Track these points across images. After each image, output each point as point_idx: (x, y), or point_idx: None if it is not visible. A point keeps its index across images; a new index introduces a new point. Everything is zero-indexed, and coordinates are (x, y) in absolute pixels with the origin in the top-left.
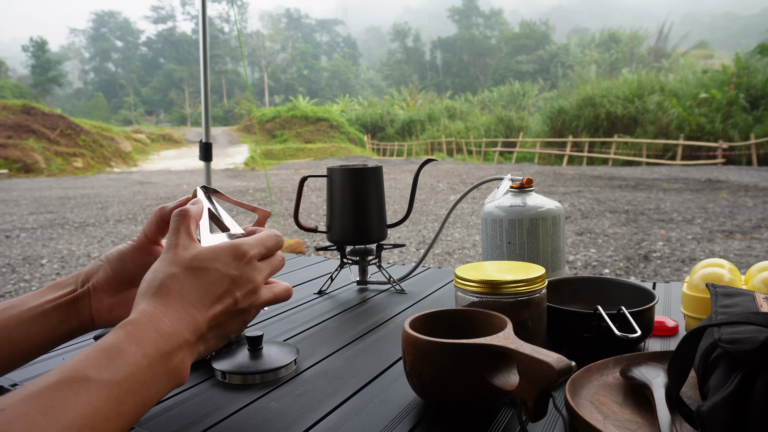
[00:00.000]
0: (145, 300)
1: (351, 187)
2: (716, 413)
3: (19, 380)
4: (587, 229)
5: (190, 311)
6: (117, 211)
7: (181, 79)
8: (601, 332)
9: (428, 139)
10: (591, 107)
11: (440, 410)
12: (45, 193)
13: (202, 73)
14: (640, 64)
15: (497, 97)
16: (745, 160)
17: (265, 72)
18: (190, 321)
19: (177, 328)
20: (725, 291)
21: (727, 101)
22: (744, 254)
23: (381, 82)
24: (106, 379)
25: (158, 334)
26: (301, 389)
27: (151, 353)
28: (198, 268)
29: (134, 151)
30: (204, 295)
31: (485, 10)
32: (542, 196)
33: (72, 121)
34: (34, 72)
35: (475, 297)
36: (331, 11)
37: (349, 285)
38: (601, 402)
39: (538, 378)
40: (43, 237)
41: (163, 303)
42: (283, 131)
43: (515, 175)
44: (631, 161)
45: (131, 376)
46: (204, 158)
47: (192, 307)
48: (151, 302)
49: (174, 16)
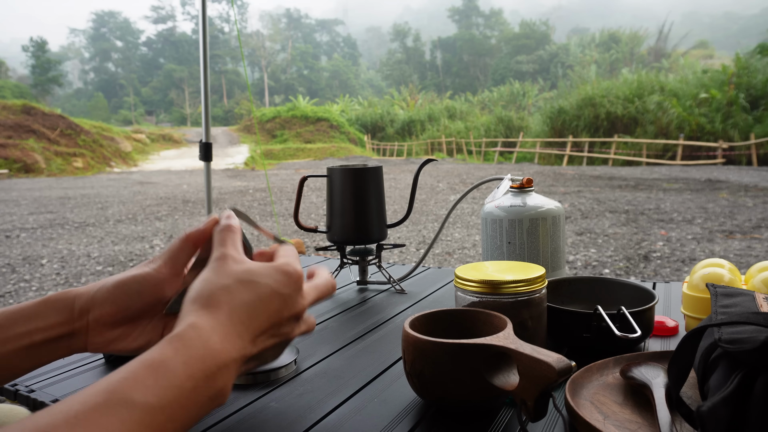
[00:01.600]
0: (194, 312)
1: (351, 187)
2: (716, 413)
3: (19, 380)
4: (587, 229)
5: (239, 328)
6: (117, 211)
7: (181, 79)
8: (601, 332)
9: (428, 139)
10: (591, 107)
11: (440, 410)
12: (45, 193)
13: (202, 73)
14: (640, 64)
15: (497, 97)
16: (745, 160)
17: (265, 72)
18: (237, 339)
19: (225, 346)
20: (725, 291)
21: (727, 101)
22: (744, 254)
23: (381, 82)
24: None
25: (206, 352)
26: (301, 389)
27: (197, 374)
28: (251, 282)
29: (134, 151)
30: (254, 312)
31: (485, 10)
32: (542, 196)
33: (72, 121)
34: (34, 72)
35: (475, 297)
36: (331, 11)
37: (349, 285)
38: (601, 402)
39: (538, 378)
40: (43, 237)
41: (214, 317)
42: (283, 131)
43: (515, 175)
44: (631, 161)
45: (175, 401)
46: (204, 158)
47: (240, 324)
48: (201, 315)
49: (174, 16)
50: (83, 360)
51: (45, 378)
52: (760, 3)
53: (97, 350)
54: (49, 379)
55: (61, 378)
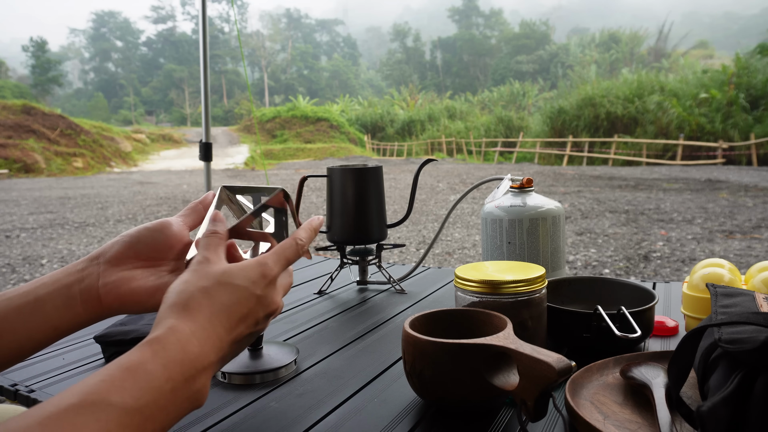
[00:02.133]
0: (174, 314)
1: (351, 187)
2: (716, 413)
3: (19, 380)
4: (587, 229)
5: (218, 330)
6: (117, 211)
7: (181, 79)
8: (601, 332)
9: (428, 139)
10: (591, 107)
11: (440, 410)
12: (45, 193)
13: (202, 73)
14: (640, 64)
15: (497, 97)
16: (745, 160)
17: (265, 72)
18: (216, 341)
19: (204, 349)
20: (725, 291)
21: (727, 101)
22: (744, 254)
23: (381, 82)
24: (129, 406)
25: (185, 356)
26: (301, 389)
27: (176, 377)
28: (228, 284)
29: (134, 151)
30: (232, 314)
31: (485, 10)
32: (542, 196)
33: (72, 121)
34: (34, 72)
35: (475, 297)
36: (331, 11)
37: (349, 285)
38: (601, 402)
39: (538, 378)
40: (43, 237)
41: (192, 319)
42: (283, 131)
43: (515, 175)
44: (631, 161)
45: (153, 402)
46: (204, 158)
47: (220, 326)
48: (181, 318)
49: (174, 16)
50: (83, 360)
51: (45, 378)
52: (760, 3)
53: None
54: (49, 379)
55: (61, 378)
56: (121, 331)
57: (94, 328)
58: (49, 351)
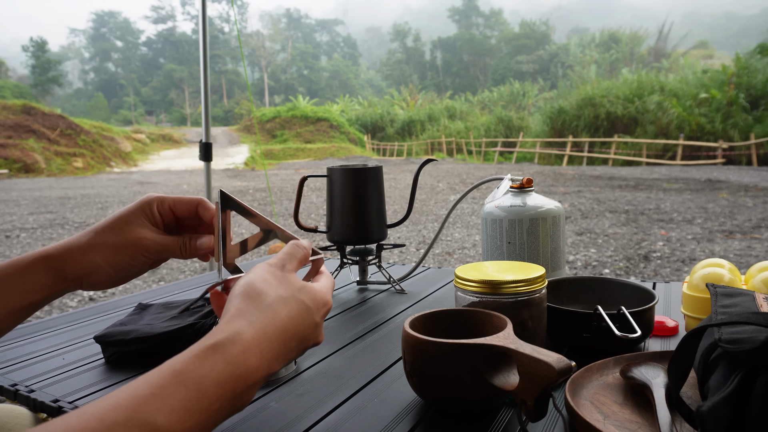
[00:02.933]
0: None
1: (351, 187)
2: (716, 413)
3: (19, 380)
4: (587, 229)
5: (278, 347)
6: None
7: (181, 79)
8: (601, 332)
9: (428, 139)
10: (591, 107)
11: (440, 410)
12: (45, 193)
13: (202, 73)
14: (640, 64)
15: (497, 97)
16: (745, 160)
17: (265, 72)
18: (273, 358)
19: (261, 363)
20: (725, 291)
21: (727, 101)
22: (744, 254)
23: (381, 82)
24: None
25: (243, 370)
26: (301, 389)
27: (227, 395)
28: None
29: (134, 151)
30: (296, 333)
31: (485, 10)
32: (542, 196)
33: (72, 121)
34: (34, 72)
35: (475, 297)
36: (331, 11)
37: (349, 285)
38: (601, 402)
39: (538, 378)
40: (43, 237)
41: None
42: (283, 131)
43: (515, 175)
44: (631, 161)
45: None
46: (204, 158)
47: (281, 343)
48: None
49: (174, 16)
50: (83, 360)
51: (45, 378)
52: (760, 3)
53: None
54: (49, 379)
55: (61, 378)
56: (121, 331)
57: (94, 328)
58: (50, 351)
